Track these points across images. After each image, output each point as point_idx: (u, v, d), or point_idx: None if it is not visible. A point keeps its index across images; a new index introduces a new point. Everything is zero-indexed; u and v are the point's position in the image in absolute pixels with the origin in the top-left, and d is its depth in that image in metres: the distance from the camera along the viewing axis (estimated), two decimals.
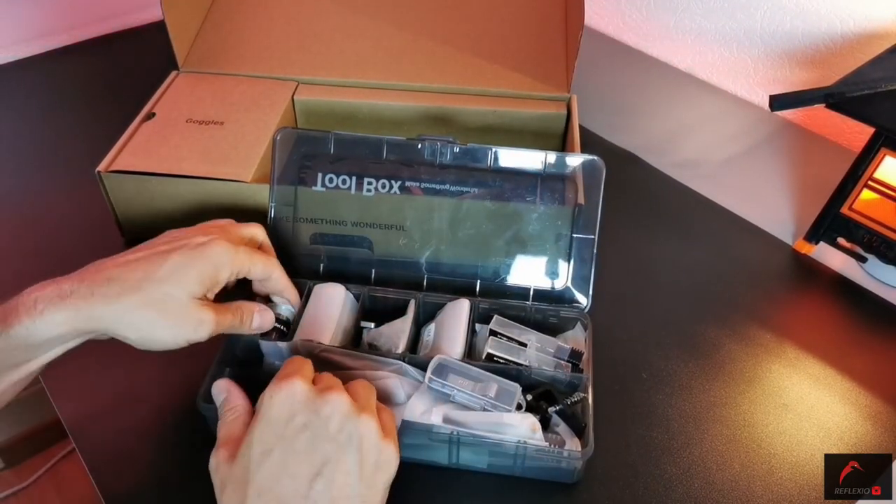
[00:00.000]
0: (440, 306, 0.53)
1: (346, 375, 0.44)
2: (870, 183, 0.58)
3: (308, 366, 0.41)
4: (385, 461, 0.39)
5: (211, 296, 0.45)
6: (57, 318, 0.39)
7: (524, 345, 0.50)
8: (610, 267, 0.62)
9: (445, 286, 0.55)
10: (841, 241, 0.62)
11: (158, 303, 0.41)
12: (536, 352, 0.49)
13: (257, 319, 0.47)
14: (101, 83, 0.88)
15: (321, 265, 0.56)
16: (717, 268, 0.64)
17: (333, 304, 0.52)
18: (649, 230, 0.68)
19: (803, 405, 0.52)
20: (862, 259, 0.62)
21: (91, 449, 0.48)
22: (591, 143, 0.78)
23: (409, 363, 0.47)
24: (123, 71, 0.91)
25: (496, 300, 0.53)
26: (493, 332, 0.50)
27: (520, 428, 0.43)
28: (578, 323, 0.52)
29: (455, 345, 0.48)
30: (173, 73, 0.70)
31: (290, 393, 0.38)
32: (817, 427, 0.51)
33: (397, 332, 0.51)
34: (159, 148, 0.60)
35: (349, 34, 0.74)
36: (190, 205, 0.59)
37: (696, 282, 0.62)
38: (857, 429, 0.51)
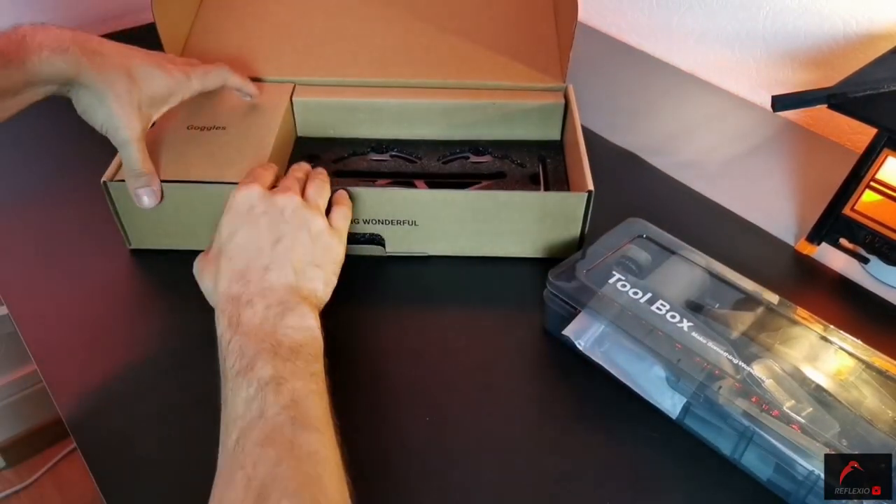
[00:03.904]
0: None
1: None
2: (872, 184, 0.58)
3: (269, 173, 0.52)
4: (330, 246, 0.49)
5: (155, 112, 0.56)
6: (57, 66, 0.47)
7: None
8: None
9: None
10: (843, 242, 0.62)
11: (124, 93, 0.51)
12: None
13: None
14: None
15: None
16: None
17: None
18: None
19: None
20: (864, 260, 0.62)
21: (92, 448, 0.48)
22: (592, 143, 0.78)
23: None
24: None
25: None
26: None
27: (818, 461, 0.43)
28: None
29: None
30: None
31: (249, 190, 0.49)
32: None
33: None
34: (164, 155, 0.60)
35: (342, 33, 0.74)
36: (199, 211, 0.58)
37: None
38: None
